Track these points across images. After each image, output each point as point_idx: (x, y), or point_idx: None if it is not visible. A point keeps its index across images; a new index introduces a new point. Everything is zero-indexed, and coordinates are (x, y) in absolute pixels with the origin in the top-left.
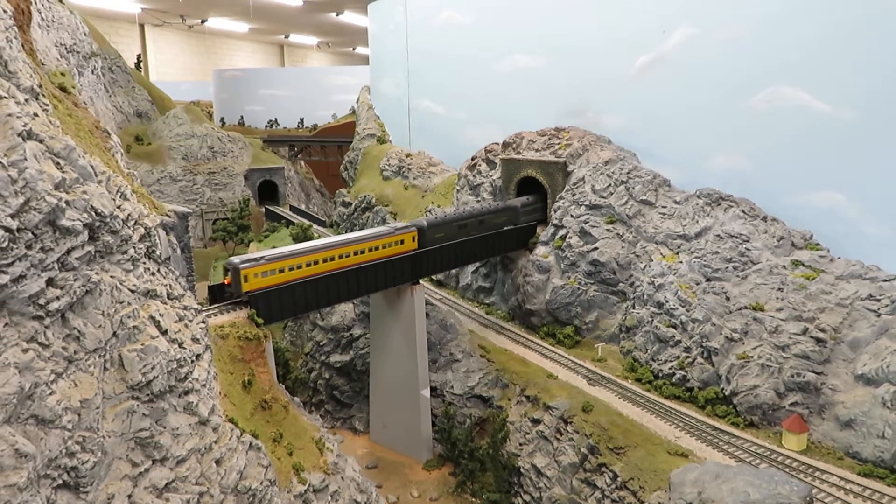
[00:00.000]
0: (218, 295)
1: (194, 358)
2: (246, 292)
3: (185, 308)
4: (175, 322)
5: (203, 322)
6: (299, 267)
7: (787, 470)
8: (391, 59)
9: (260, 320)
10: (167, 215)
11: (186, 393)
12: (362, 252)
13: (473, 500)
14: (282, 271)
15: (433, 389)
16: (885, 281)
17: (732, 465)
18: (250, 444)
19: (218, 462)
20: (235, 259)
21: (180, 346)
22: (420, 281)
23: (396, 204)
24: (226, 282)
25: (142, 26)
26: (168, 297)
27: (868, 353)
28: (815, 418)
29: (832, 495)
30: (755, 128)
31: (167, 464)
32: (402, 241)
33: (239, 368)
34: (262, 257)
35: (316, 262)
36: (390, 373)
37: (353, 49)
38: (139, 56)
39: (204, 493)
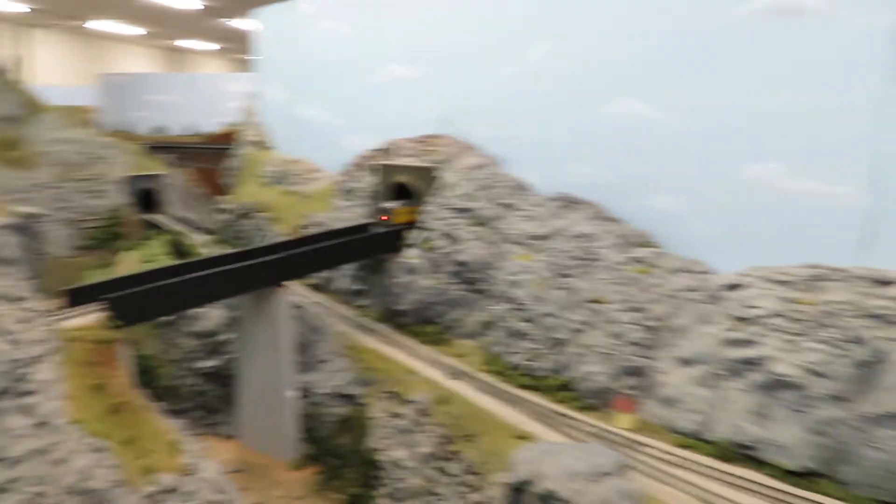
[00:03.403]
0: (76, 298)
1: (35, 359)
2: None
3: (29, 310)
4: (16, 324)
5: (49, 324)
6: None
7: (612, 445)
8: (276, 66)
9: (117, 324)
10: (17, 217)
11: (25, 394)
12: None
13: (336, 496)
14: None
15: (300, 391)
16: (705, 273)
17: (563, 443)
18: (97, 445)
19: (58, 463)
20: None
21: (20, 347)
22: (288, 284)
23: (275, 210)
24: None
25: (24, 28)
26: (10, 299)
27: (688, 338)
28: (644, 398)
29: (650, 465)
30: (604, 136)
31: (3, 464)
32: None
33: (91, 371)
34: None
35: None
36: (256, 376)
37: (249, 56)
38: (15, 58)
39: (42, 494)
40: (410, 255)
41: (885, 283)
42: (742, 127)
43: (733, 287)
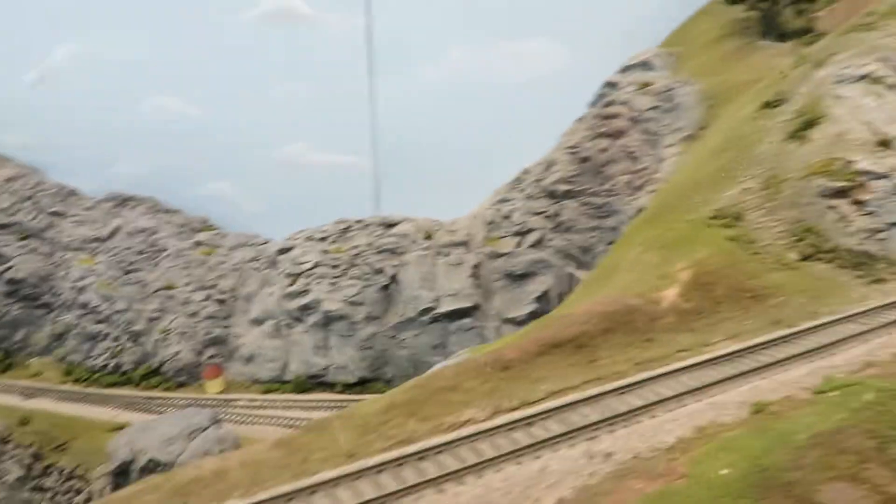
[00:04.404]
0: None
1: None
2: None
3: None
4: None
5: None
6: None
7: (206, 406)
8: None
9: None
10: None
11: None
12: None
13: None
14: None
15: None
16: (262, 244)
17: (158, 417)
18: None
19: None
20: None
21: None
22: None
23: None
24: None
25: None
26: None
27: (257, 301)
28: (229, 362)
29: (241, 414)
30: (146, 133)
31: None
32: None
33: None
34: None
35: None
36: None
37: None
38: None
39: None
40: None
41: (391, 225)
42: (270, 114)
43: (285, 250)
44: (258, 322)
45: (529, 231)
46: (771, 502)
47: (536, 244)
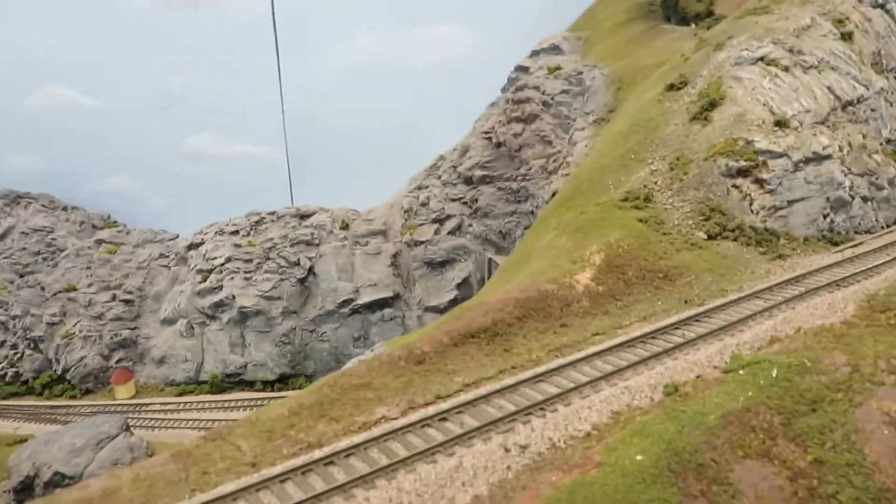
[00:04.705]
0: None
1: None
2: None
3: None
4: None
5: None
6: None
7: (116, 413)
8: None
9: None
10: None
11: None
12: None
13: None
14: None
15: None
16: (171, 240)
17: (62, 428)
18: None
19: None
20: None
21: None
22: None
23: None
24: None
25: None
26: None
27: (167, 300)
28: (139, 366)
29: (154, 419)
30: (37, 127)
31: None
32: None
33: None
34: None
35: None
36: None
37: None
38: None
39: None
40: None
41: (305, 216)
42: (174, 104)
43: (195, 246)
44: (169, 322)
45: (448, 218)
46: (685, 485)
47: (455, 231)
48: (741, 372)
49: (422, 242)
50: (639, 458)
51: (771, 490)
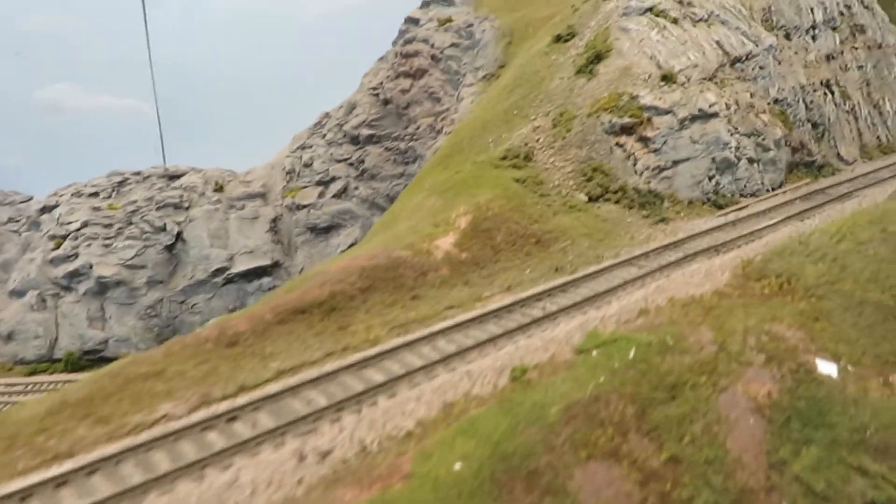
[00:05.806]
0: None
1: None
2: None
3: None
4: None
5: None
6: None
7: None
8: None
9: None
10: None
11: None
12: None
13: None
14: None
15: None
16: (22, 202)
17: None
18: None
19: None
20: None
21: None
22: None
23: None
24: None
25: None
26: None
27: (16, 269)
28: None
29: (0, 400)
30: None
31: None
32: None
33: None
34: None
35: None
36: None
37: None
38: None
39: None
40: None
41: (175, 177)
42: (26, 51)
43: (48, 209)
44: (18, 293)
45: (333, 180)
46: (510, 499)
47: (340, 194)
48: (594, 353)
49: (304, 206)
50: (457, 466)
51: (617, 498)
